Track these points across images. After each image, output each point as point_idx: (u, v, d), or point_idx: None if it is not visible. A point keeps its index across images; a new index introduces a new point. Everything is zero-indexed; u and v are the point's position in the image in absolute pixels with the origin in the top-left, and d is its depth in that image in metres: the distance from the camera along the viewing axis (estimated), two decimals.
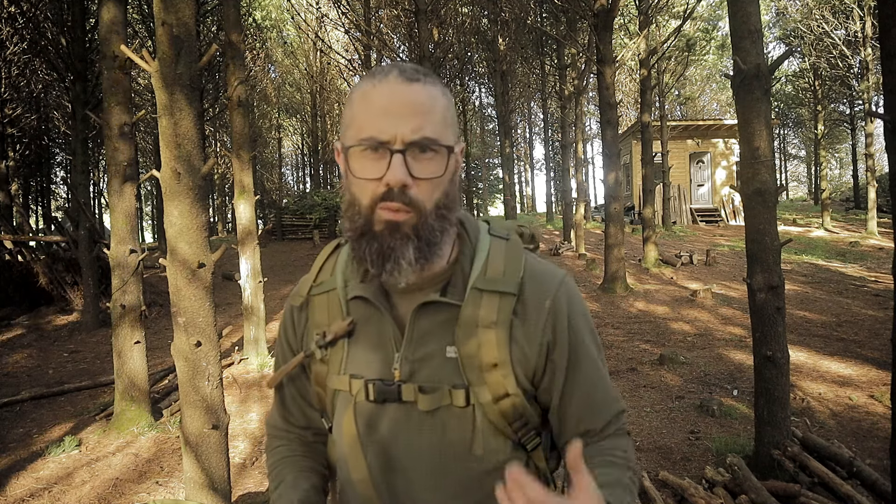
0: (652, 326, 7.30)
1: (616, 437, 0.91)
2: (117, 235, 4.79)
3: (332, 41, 21.50)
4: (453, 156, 0.82)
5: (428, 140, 0.78)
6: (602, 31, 8.98)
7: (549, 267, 0.90)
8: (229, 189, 25.74)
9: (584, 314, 0.90)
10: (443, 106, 0.81)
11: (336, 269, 0.94)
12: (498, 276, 0.85)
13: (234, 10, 6.80)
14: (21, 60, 11.20)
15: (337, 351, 0.90)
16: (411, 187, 0.78)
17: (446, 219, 0.82)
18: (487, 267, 0.86)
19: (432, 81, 0.81)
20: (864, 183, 17.86)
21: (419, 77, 0.80)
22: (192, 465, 2.82)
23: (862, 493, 2.97)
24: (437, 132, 0.79)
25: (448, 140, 0.81)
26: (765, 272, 3.41)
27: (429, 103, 0.79)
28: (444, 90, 0.83)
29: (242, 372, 6.22)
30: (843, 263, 11.86)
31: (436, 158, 0.79)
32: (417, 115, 0.77)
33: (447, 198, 0.82)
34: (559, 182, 25.82)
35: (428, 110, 0.79)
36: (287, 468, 1.00)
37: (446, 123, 0.81)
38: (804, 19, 19.31)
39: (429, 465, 0.85)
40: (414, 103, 0.78)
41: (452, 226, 0.84)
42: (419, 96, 0.78)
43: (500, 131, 15.33)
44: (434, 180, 0.80)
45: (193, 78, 2.75)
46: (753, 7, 3.45)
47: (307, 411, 1.01)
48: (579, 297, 0.90)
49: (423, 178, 0.78)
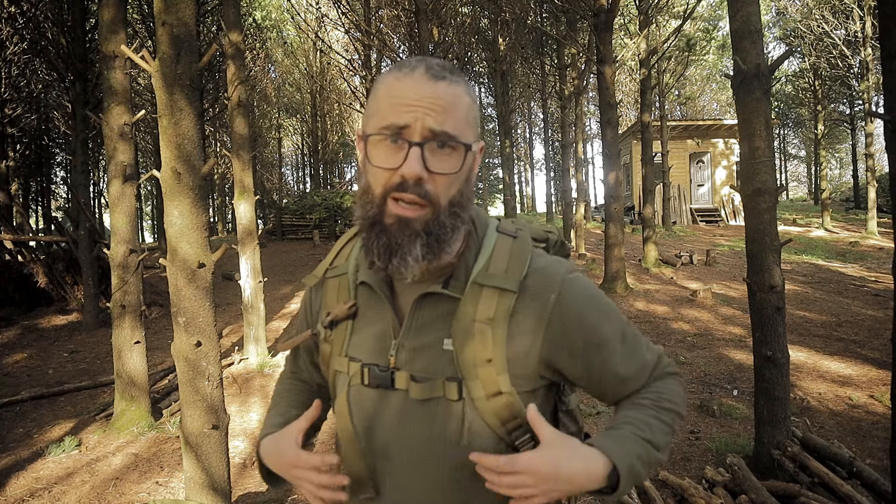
0: (652, 326, 7.30)
1: (652, 385, 0.92)
2: (117, 235, 4.79)
3: (332, 41, 21.48)
4: (471, 154, 0.83)
5: (447, 136, 0.78)
6: (602, 31, 8.98)
7: (555, 261, 0.89)
8: (229, 189, 25.74)
9: (593, 297, 0.88)
10: (466, 105, 0.82)
11: (351, 255, 0.97)
12: (499, 273, 0.85)
13: (234, 10, 6.79)
14: (21, 60, 11.19)
15: (340, 333, 0.93)
16: (426, 181, 0.78)
17: (459, 217, 0.83)
18: (490, 263, 0.86)
19: (457, 80, 0.82)
20: (864, 183, 17.86)
21: (445, 75, 0.81)
22: (192, 465, 2.82)
23: (862, 493, 2.97)
24: (458, 129, 0.80)
25: (467, 138, 0.81)
26: (765, 272, 3.41)
27: (452, 101, 0.80)
28: (468, 90, 0.84)
29: (242, 372, 6.22)
30: (843, 263, 11.86)
31: (453, 155, 0.80)
32: (439, 111, 0.78)
33: (462, 196, 0.83)
34: (559, 182, 25.82)
35: (450, 107, 0.79)
36: (282, 399, 1.07)
37: (468, 122, 0.82)
38: (804, 19, 19.32)
39: (416, 454, 0.85)
40: (437, 99, 0.78)
41: (464, 223, 0.84)
42: (443, 93, 0.79)
43: (500, 131, 15.32)
44: (450, 176, 0.80)
45: (193, 78, 2.75)
46: (753, 7, 3.45)
47: (315, 375, 1.07)
48: (586, 284, 0.89)
49: (440, 174, 0.79)
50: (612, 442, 0.81)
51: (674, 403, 0.90)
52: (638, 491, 3.22)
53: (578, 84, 14.50)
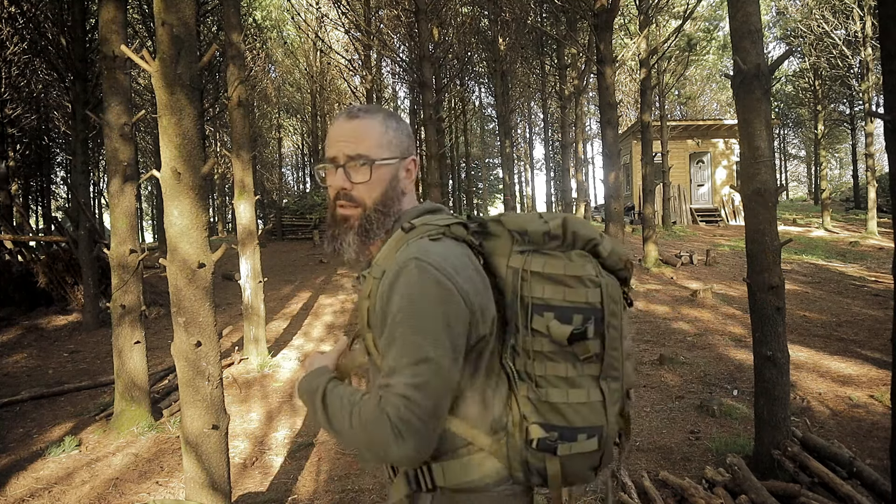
0: (652, 326, 7.30)
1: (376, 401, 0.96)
2: (117, 235, 4.79)
3: (332, 41, 21.47)
4: (387, 166, 1.13)
5: (359, 156, 1.11)
6: (602, 31, 8.97)
7: (412, 251, 1.00)
8: (229, 189, 25.73)
9: (408, 296, 0.95)
10: (377, 132, 1.13)
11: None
12: (379, 262, 1.07)
13: (234, 10, 6.79)
14: (21, 60, 11.20)
15: None
16: (351, 190, 1.12)
17: (384, 213, 1.12)
18: (380, 254, 1.09)
19: (370, 116, 1.13)
20: (864, 183, 17.84)
21: (359, 114, 1.13)
22: (192, 465, 2.82)
23: (862, 493, 2.97)
24: (369, 150, 1.11)
25: (379, 155, 1.12)
26: (765, 272, 3.41)
27: (363, 131, 1.12)
28: (384, 119, 1.14)
29: (242, 372, 6.22)
30: (843, 263, 11.86)
31: (366, 168, 1.11)
32: (352, 141, 1.11)
33: (384, 197, 1.12)
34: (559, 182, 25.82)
35: (361, 136, 1.11)
36: None
37: (380, 144, 1.12)
38: (804, 19, 19.30)
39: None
40: (351, 132, 1.12)
41: (390, 218, 1.12)
42: (355, 127, 1.12)
43: (500, 131, 15.33)
44: (367, 184, 1.11)
45: (193, 78, 2.75)
46: (753, 7, 3.45)
47: None
48: (414, 280, 0.96)
49: (359, 183, 1.11)
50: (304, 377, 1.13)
51: (360, 414, 0.97)
52: (638, 491, 3.22)
53: (578, 84, 14.50)
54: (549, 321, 1.00)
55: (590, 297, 1.02)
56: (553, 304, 1.01)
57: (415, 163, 1.17)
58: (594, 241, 1.06)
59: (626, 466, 3.57)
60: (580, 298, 1.01)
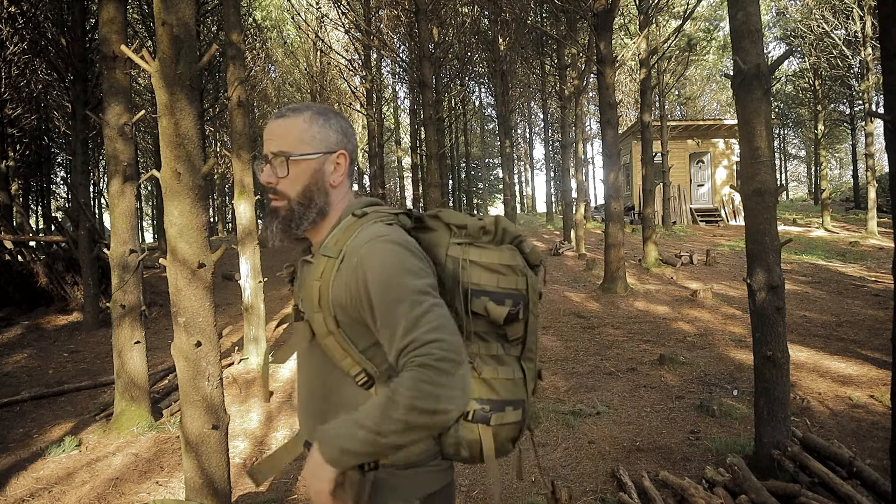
0: (652, 326, 7.30)
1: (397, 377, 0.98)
2: (117, 235, 4.79)
3: (332, 41, 21.46)
4: (307, 161, 1.19)
5: (280, 152, 1.18)
6: (602, 31, 8.98)
7: (371, 232, 1.10)
8: (229, 189, 25.72)
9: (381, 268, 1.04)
10: (299, 129, 1.19)
11: None
12: (331, 245, 1.14)
13: (234, 10, 6.79)
14: (21, 60, 11.20)
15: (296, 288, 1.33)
16: (275, 184, 1.19)
17: (306, 206, 1.19)
18: (331, 237, 1.16)
19: (296, 114, 1.20)
20: (864, 183, 17.84)
21: (286, 114, 1.20)
22: (192, 465, 2.82)
23: (862, 493, 2.97)
24: (290, 146, 1.18)
25: (300, 150, 1.18)
26: (765, 272, 3.41)
27: (285, 129, 1.19)
28: (309, 118, 1.20)
29: (242, 372, 6.22)
30: (844, 263, 11.86)
31: (285, 164, 1.18)
32: (275, 139, 1.19)
33: (306, 190, 1.19)
34: (559, 182, 25.81)
35: (283, 134, 1.19)
36: None
37: (301, 140, 1.19)
38: (804, 19, 19.30)
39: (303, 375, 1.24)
40: (274, 130, 1.20)
41: (312, 210, 1.19)
42: (279, 126, 1.19)
43: (500, 131, 15.33)
44: (289, 178, 1.18)
45: (193, 78, 2.75)
46: (753, 7, 3.45)
47: None
48: (386, 252, 1.05)
49: (282, 178, 1.19)
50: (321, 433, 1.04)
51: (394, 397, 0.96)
52: (638, 491, 3.22)
53: (578, 84, 14.49)
54: (486, 303, 1.12)
55: (518, 285, 1.15)
56: (488, 290, 1.13)
57: (345, 157, 1.22)
58: (520, 238, 1.20)
59: (626, 466, 3.57)
60: (511, 285, 1.15)
